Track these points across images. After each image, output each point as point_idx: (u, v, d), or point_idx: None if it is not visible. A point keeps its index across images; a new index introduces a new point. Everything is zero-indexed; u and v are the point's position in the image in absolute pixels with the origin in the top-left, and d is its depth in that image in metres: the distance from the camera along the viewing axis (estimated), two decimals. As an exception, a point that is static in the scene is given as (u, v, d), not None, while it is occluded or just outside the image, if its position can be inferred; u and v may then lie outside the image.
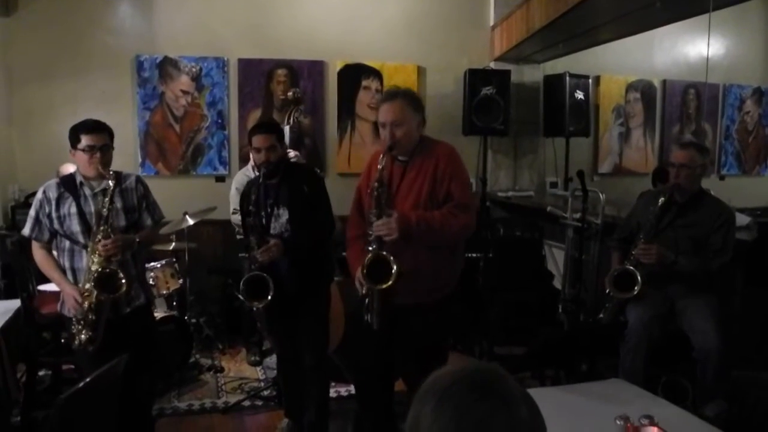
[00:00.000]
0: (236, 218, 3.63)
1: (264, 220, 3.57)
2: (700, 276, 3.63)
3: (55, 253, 3.36)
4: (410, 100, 3.10)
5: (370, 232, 2.95)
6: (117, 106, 5.80)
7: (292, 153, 4.82)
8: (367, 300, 3.00)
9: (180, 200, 5.33)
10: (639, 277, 3.59)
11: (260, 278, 3.45)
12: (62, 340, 3.24)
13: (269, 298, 3.44)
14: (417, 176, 3.03)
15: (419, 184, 3.01)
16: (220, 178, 6.08)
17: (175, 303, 5.08)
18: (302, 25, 6.20)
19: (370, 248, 2.93)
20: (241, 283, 3.51)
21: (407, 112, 3.03)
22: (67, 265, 3.29)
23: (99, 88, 5.82)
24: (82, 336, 3.14)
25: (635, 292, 3.60)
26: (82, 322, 3.15)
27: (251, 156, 3.82)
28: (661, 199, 3.65)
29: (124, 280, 3.11)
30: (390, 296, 2.95)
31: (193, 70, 6.01)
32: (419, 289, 3.00)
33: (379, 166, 2.96)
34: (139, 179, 3.44)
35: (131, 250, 3.29)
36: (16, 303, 3.92)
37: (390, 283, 2.85)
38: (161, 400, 4.38)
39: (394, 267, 2.84)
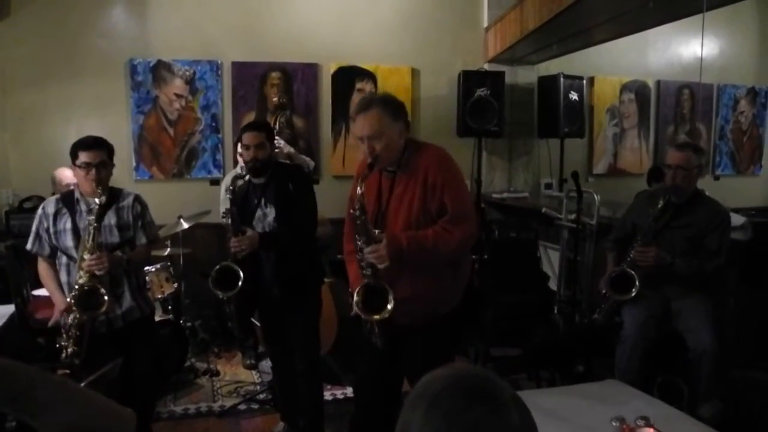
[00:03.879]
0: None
1: (248, 217, 3.58)
2: (695, 277, 3.63)
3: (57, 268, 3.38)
4: (387, 107, 2.79)
5: (360, 257, 2.78)
6: (111, 110, 5.80)
7: (282, 143, 4.84)
8: (368, 325, 2.86)
9: (174, 204, 5.32)
10: (636, 280, 3.59)
11: (231, 270, 3.45)
12: (57, 345, 3.24)
13: (238, 287, 3.44)
14: (405, 191, 2.81)
15: (409, 200, 2.79)
16: (215, 182, 6.07)
17: (170, 307, 5.08)
18: (296, 27, 6.20)
19: (365, 273, 2.76)
20: (212, 272, 3.50)
21: (384, 122, 2.75)
22: (64, 279, 3.33)
23: (93, 92, 5.80)
24: (69, 349, 3.15)
25: (633, 294, 3.60)
26: (69, 334, 3.16)
27: (240, 155, 3.89)
28: (660, 203, 3.65)
29: (105, 297, 3.10)
30: (391, 319, 2.80)
31: (187, 73, 6.00)
32: (420, 312, 2.84)
33: (359, 191, 2.73)
34: (137, 198, 3.45)
35: (119, 269, 3.29)
36: (10, 308, 3.91)
37: (385, 314, 2.70)
38: (157, 404, 4.35)
39: (391, 301, 2.67)
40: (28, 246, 3.37)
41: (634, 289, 3.61)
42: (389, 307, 2.68)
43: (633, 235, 3.81)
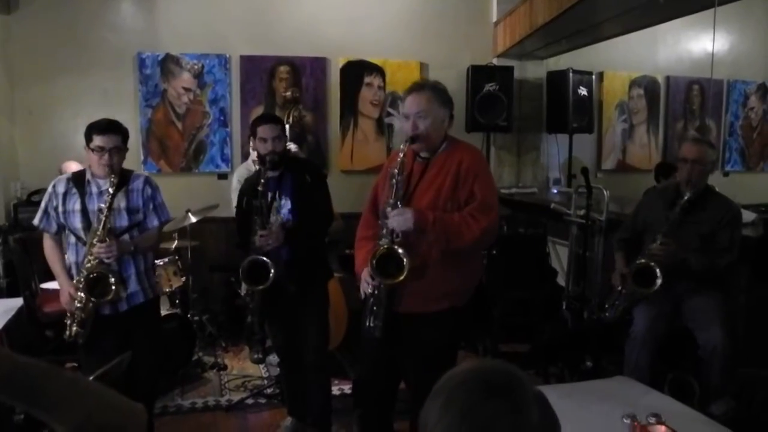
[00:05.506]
0: None
1: (266, 206, 3.55)
2: (707, 274, 3.59)
3: (64, 246, 3.38)
4: (438, 93, 2.94)
5: (383, 224, 2.83)
6: (119, 104, 5.79)
7: (292, 146, 4.83)
8: (371, 300, 2.88)
9: (182, 198, 5.32)
10: (659, 272, 3.50)
11: (261, 262, 3.44)
12: (65, 338, 3.25)
13: (270, 279, 3.42)
14: (438, 174, 2.87)
15: (440, 182, 2.85)
16: (223, 176, 6.07)
17: (177, 301, 5.08)
18: (304, 21, 6.18)
19: (382, 243, 2.81)
20: (242, 267, 3.48)
21: (433, 105, 2.89)
22: (72, 259, 3.33)
23: (101, 85, 5.81)
24: (73, 329, 3.19)
25: (657, 287, 3.51)
26: (74, 316, 3.19)
27: (253, 149, 3.84)
28: (687, 194, 3.54)
29: (114, 287, 3.13)
30: (396, 299, 2.85)
31: (195, 67, 5.99)
32: (427, 293, 2.85)
33: (400, 155, 2.84)
34: (147, 180, 3.43)
35: (126, 254, 3.29)
36: (18, 301, 3.92)
37: (401, 277, 2.73)
38: (164, 398, 4.38)
39: (405, 260, 2.71)
40: (35, 221, 3.37)
41: (658, 281, 3.49)
42: (405, 263, 2.72)
43: (645, 233, 3.77)
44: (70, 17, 5.71)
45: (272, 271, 3.42)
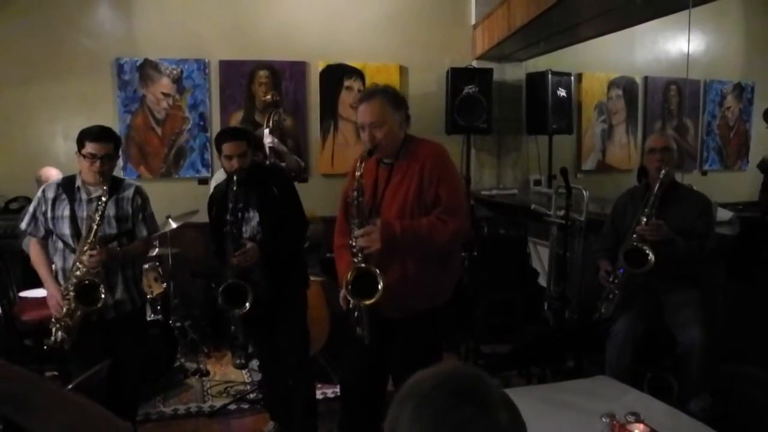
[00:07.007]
0: None
1: (236, 226, 3.53)
2: (691, 260, 3.62)
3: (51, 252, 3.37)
4: (390, 97, 2.91)
5: (352, 243, 2.80)
6: (97, 110, 5.73)
7: (276, 141, 4.80)
8: (356, 313, 2.88)
9: (163, 203, 5.27)
10: (649, 250, 3.48)
11: (238, 286, 3.43)
12: (44, 347, 3.22)
13: (247, 305, 3.42)
14: (402, 180, 2.87)
15: (405, 188, 2.85)
16: (203, 181, 6.04)
17: (159, 307, 5.05)
18: (283, 25, 6.18)
19: (355, 260, 2.79)
20: (219, 292, 3.47)
21: (387, 111, 2.86)
22: (59, 265, 3.32)
23: (79, 91, 5.76)
24: (59, 335, 3.17)
25: (651, 263, 3.46)
26: (60, 322, 3.17)
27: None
28: (663, 171, 3.57)
29: (103, 295, 3.12)
30: (378, 310, 2.84)
31: (174, 72, 5.96)
32: (409, 303, 2.86)
33: (357, 173, 2.79)
34: (138, 190, 3.43)
35: (115, 262, 3.28)
36: (-4, 310, 3.89)
37: (375, 299, 2.72)
38: (146, 405, 4.35)
39: (380, 283, 2.69)
40: (23, 225, 3.36)
41: (650, 258, 3.46)
42: (379, 287, 2.70)
43: (619, 236, 3.81)
44: (46, 22, 5.65)
45: (249, 296, 3.41)
